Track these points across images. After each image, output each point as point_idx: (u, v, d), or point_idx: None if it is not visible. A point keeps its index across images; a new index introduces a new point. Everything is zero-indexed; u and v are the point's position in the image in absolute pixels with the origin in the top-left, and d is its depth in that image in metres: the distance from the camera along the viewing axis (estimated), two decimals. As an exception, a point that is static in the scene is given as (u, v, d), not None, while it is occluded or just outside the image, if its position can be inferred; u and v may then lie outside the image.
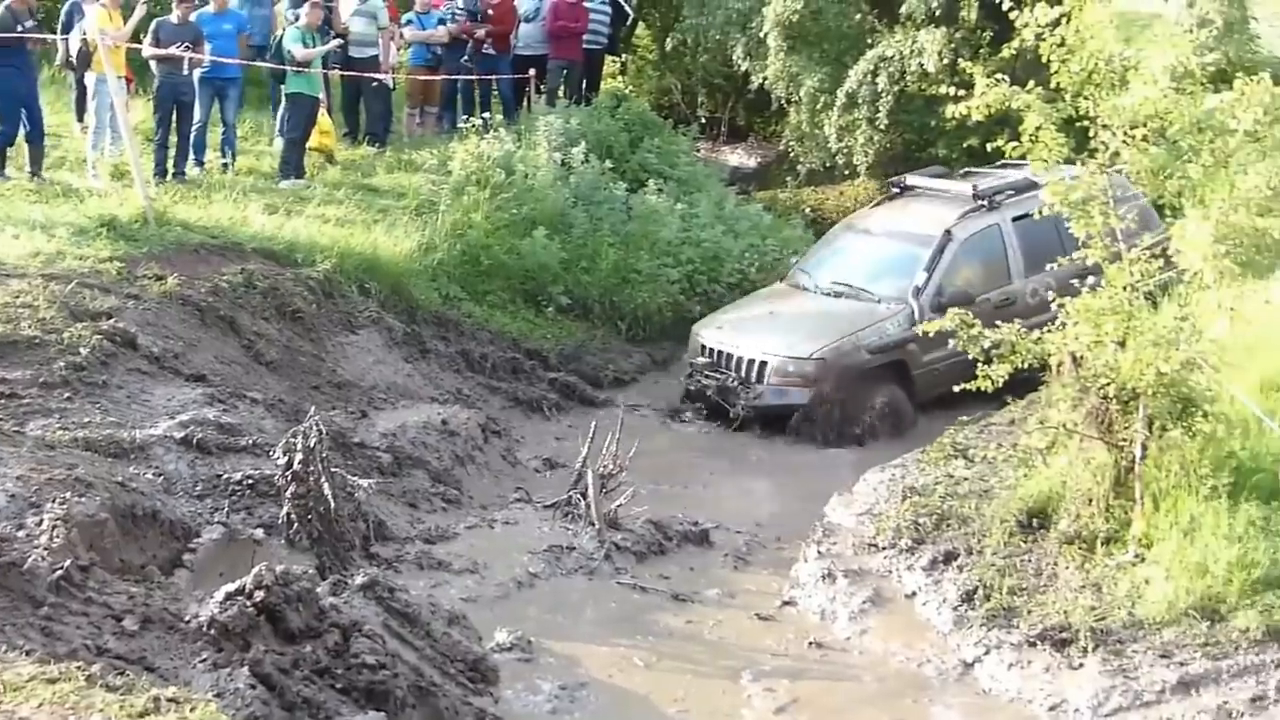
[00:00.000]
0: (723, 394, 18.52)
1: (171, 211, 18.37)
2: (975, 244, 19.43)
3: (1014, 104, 12.96)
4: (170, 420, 12.95)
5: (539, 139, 23.40)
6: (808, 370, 18.35)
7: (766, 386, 18.42)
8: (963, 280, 18.99)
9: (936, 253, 19.07)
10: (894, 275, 19.42)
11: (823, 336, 18.55)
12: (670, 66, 37.60)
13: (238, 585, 8.89)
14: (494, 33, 26.23)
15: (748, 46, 30.30)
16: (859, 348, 18.45)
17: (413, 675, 9.31)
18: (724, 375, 18.65)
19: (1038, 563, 12.82)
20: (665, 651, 11.93)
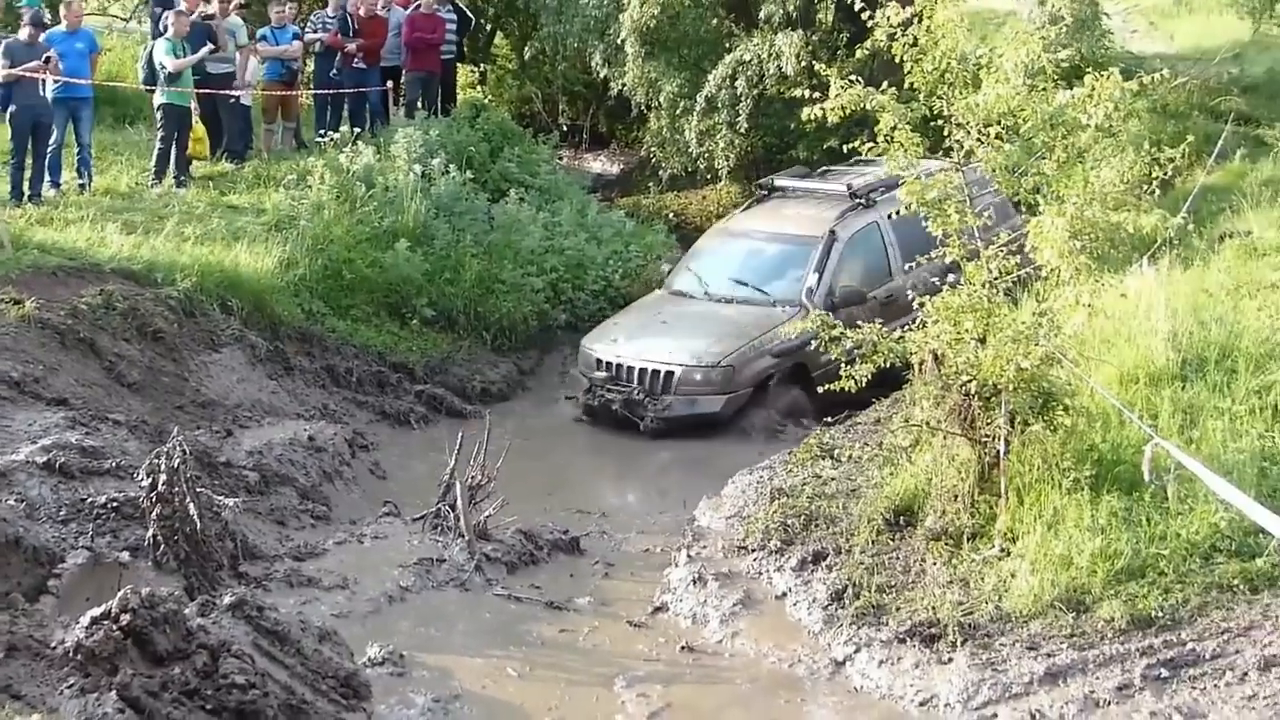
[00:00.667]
0: (629, 407, 18.34)
1: (28, 234, 18.15)
2: (858, 242, 19.62)
3: (869, 105, 13.03)
4: (31, 445, 12.79)
5: (399, 151, 23.33)
6: (715, 377, 18.24)
7: (674, 397, 18.26)
8: (850, 278, 19.09)
9: (824, 253, 19.21)
10: (783, 277, 19.57)
11: (726, 342, 18.51)
12: (530, 75, 37.74)
13: (103, 609, 8.81)
14: (365, 46, 26.17)
15: (606, 53, 30.36)
16: (763, 352, 18.35)
17: (284, 694, 9.26)
18: (627, 388, 18.47)
19: (905, 560, 12.92)
20: (538, 661, 11.90)
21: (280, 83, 25.69)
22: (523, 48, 34.85)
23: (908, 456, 13.84)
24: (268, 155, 25.26)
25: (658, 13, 27.93)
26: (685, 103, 28.91)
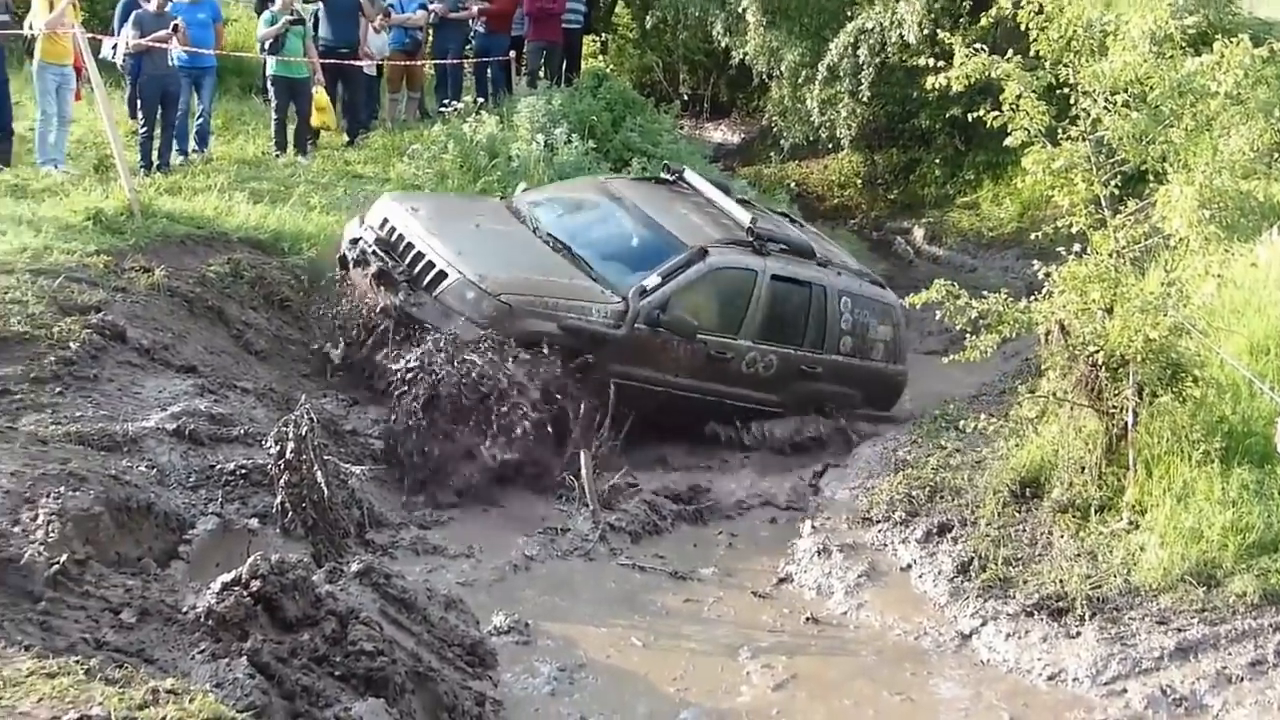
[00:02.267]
0: (381, 278, 15.45)
1: (157, 203, 18.31)
2: (724, 279, 16.65)
3: (993, 73, 12.93)
4: (162, 412, 12.89)
5: (521, 121, 23.37)
6: (486, 307, 15.02)
7: (432, 299, 15.24)
8: (691, 308, 16.04)
9: (681, 265, 16.20)
10: (625, 262, 16.56)
11: (520, 279, 15.46)
12: (651, 45, 37.72)
13: (234, 575, 8.86)
14: (491, 12, 26.23)
15: (727, 22, 30.32)
16: (552, 315, 15.23)
17: (411, 661, 9.29)
18: (392, 262, 15.64)
19: (1032, 532, 12.87)
20: (663, 630, 11.90)
21: (404, 52, 25.77)
22: (644, 17, 34.75)
23: (1034, 428, 13.74)
24: (392, 125, 25.36)
25: (779, -19, 27.86)
26: (807, 71, 28.83)
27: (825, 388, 17.29)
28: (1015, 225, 26.81)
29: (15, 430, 11.53)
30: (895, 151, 31.17)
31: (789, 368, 16.84)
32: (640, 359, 15.57)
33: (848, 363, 17.46)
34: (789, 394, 16.95)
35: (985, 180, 29.02)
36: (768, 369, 16.65)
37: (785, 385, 16.89)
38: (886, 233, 29.31)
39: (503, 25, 26.77)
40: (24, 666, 6.75)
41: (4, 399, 12.34)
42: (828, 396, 17.33)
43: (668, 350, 15.77)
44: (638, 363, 15.61)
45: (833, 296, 17.27)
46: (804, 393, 17.11)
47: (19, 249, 15.36)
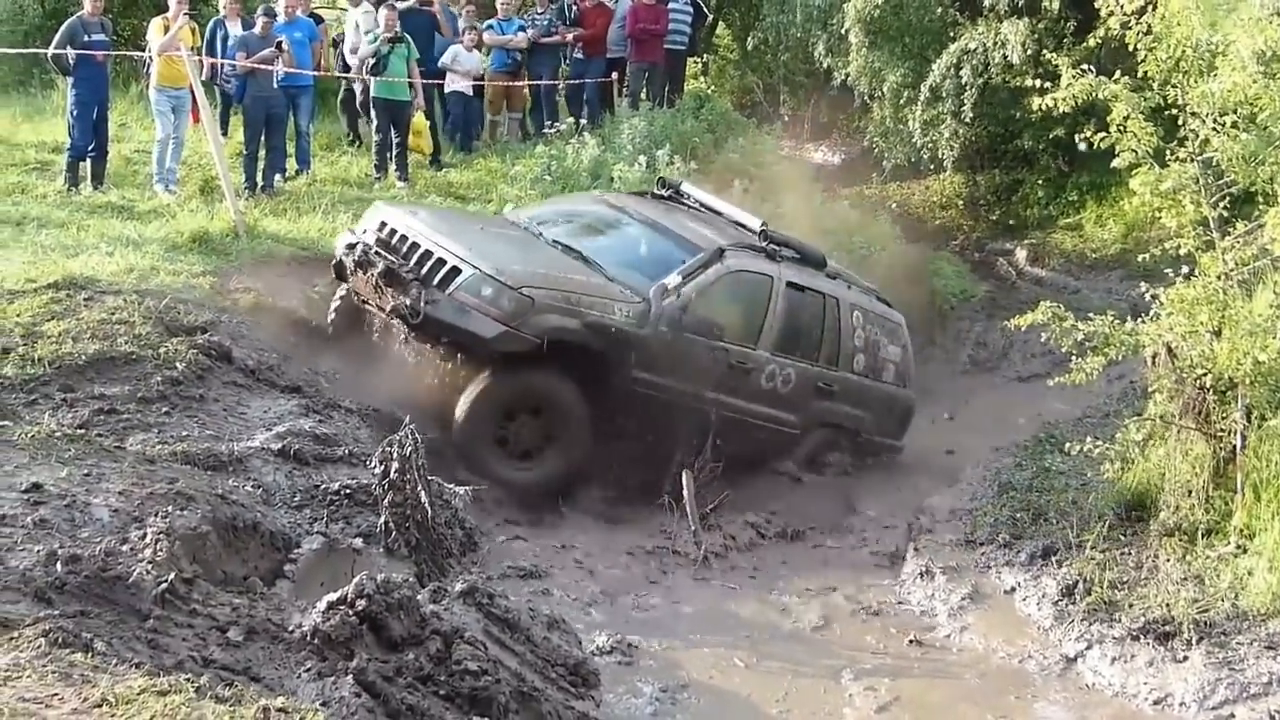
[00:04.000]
0: (388, 278, 14.30)
1: (261, 224, 18.51)
2: (743, 283, 15.86)
3: (1101, 94, 12.88)
4: (267, 432, 13.02)
5: (623, 143, 23.43)
6: (507, 302, 13.95)
7: (448, 298, 14.04)
8: (712, 310, 15.30)
9: (700, 265, 15.46)
10: (639, 263, 15.73)
11: (540, 273, 14.49)
12: (751, 65, 37.75)
13: (340, 594, 8.90)
14: (584, 36, 26.32)
15: (829, 43, 30.21)
16: (574, 311, 14.30)
17: (514, 681, 9.31)
18: (398, 262, 14.48)
19: (1138, 556, 12.79)
20: (765, 651, 11.87)
21: (505, 73, 25.92)
22: (745, 38, 34.82)
23: (1140, 451, 13.61)
24: (493, 146, 25.47)
25: (881, 2, 27.72)
26: (909, 92, 28.67)
27: (840, 408, 16.69)
28: (1119, 247, 26.56)
29: (123, 449, 11.64)
30: (998, 172, 30.96)
31: (806, 384, 16.22)
32: (663, 365, 14.74)
33: (860, 382, 16.86)
34: (806, 414, 16.33)
35: (1089, 201, 28.79)
36: (785, 384, 15.98)
37: (804, 404, 16.26)
38: (988, 254, 29.12)
39: (597, 49, 26.83)
40: (135, 684, 6.80)
41: (111, 418, 12.47)
42: (842, 418, 16.74)
43: (690, 357, 14.95)
44: (660, 370, 14.76)
45: (845, 310, 16.67)
46: (820, 413, 16.49)
47: (126, 269, 15.58)
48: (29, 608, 7.79)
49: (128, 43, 26.06)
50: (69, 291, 14.68)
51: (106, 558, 8.61)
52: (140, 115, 23.38)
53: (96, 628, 7.72)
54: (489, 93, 26.00)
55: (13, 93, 25.55)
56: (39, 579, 8.09)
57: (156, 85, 20.13)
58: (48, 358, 13.17)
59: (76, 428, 11.94)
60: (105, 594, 8.21)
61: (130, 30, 27.03)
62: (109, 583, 8.31)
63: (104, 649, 7.36)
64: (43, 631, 7.26)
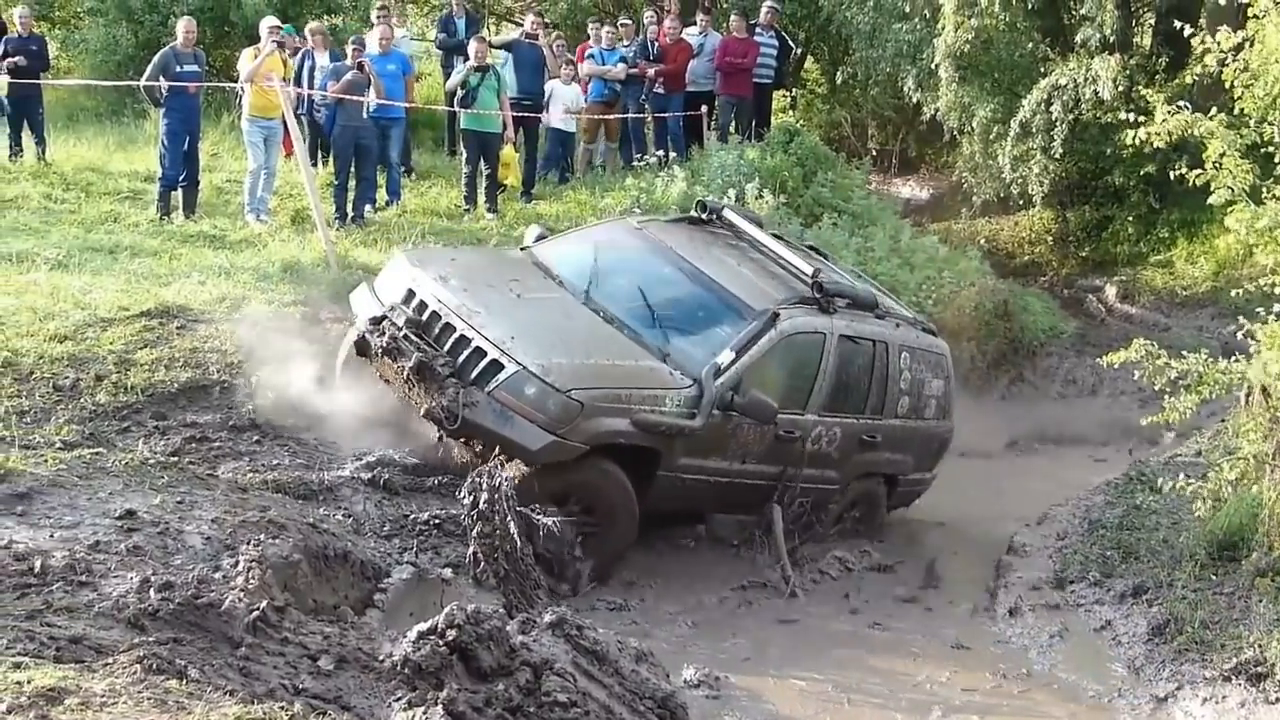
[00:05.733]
0: (421, 372, 12.67)
1: (352, 254, 18.62)
2: (796, 346, 14.48)
3: (1196, 131, 12.78)
4: (357, 461, 13.11)
5: (713, 176, 23.46)
6: (553, 407, 12.48)
7: (488, 398, 12.53)
8: (764, 385, 13.85)
9: (752, 336, 13.95)
10: (687, 333, 14.18)
11: (589, 369, 12.95)
12: (840, 100, 37.83)
13: (430, 624, 8.90)
14: (665, 71, 26.40)
15: (918, 78, 30.25)
16: (626, 410, 12.90)
17: (603, 713, 9.27)
18: (431, 349, 12.94)
19: (1230, 596, 12.68)
20: (853, 686, 11.80)
21: (603, 103, 26.04)
22: (834, 72, 34.89)
23: (1233, 490, 13.47)
24: (583, 176, 25.57)
25: (972, 37, 27.75)
26: (999, 128, 28.66)
27: (883, 456, 15.69)
28: (1210, 284, 26.46)
29: (215, 478, 11.78)
30: (1088, 208, 30.88)
31: (851, 440, 15.07)
32: (708, 449, 13.60)
33: (904, 425, 15.84)
34: (848, 468, 15.22)
35: (1180, 238, 28.69)
36: (831, 443, 14.79)
37: (846, 459, 15.12)
38: (1078, 290, 29.05)
39: (678, 85, 26.88)
40: (230, 711, 6.84)
41: (203, 446, 12.63)
42: (883, 465, 15.85)
43: (737, 435, 13.79)
44: (705, 454, 13.63)
45: (894, 354, 15.52)
46: (862, 465, 15.46)
47: (218, 298, 15.72)
48: (122, 634, 7.86)
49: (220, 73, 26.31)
50: (161, 320, 14.91)
51: (199, 585, 8.67)
52: (232, 145, 23.62)
53: (189, 655, 7.77)
54: (584, 123, 26.09)
55: (106, 122, 25.83)
56: (132, 606, 8.15)
57: (249, 115, 20.35)
58: (140, 385, 13.37)
59: (169, 455, 12.09)
60: (198, 621, 8.25)
61: (222, 61, 27.29)
62: (201, 610, 8.35)
63: (198, 676, 7.41)
64: (137, 658, 7.32)
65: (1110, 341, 18.96)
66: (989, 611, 13.67)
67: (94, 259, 17.13)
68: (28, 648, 7.36)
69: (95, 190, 21.01)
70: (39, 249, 17.13)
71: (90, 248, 17.70)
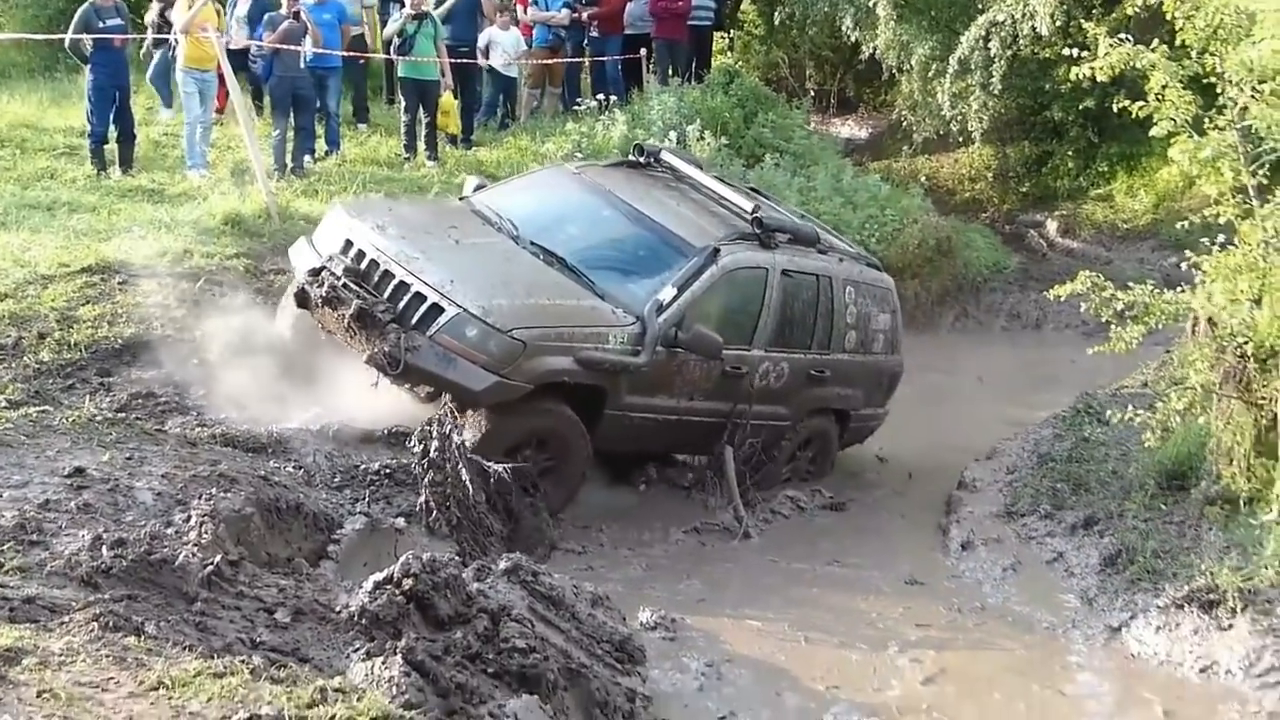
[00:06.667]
0: (361, 319, 12.58)
1: (293, 205, 18.50)
2: (738, 282, 14.43)
3: (1139, 63, 12.78)
4: (306, 413, 13.04)
5: (654, 119, 23.42)
6: (495, 347, 12.40)
7: (429, 341, 12.45)
8: (708, 320, 13.85)
9: (694, 271, 13.92)
10: (627, 272, 14.20)
11: (529, 308, 12.86)
12: (778, 40, 37.77)
13: (386, 574, 8.90)
14: (601, 14, 26.33)
15: (857, 17, 30.20)
16: (568, 348, 12.85)
17: (562, 658, 9.29)
18: (371, 297, 12.80)
19: (1180, 525, 12.77)
20: (809, 624, 11.81)
21: (547, 49, 25.97)
22: (771, 13, 34.69)
23: (1181, 420, 13.52)
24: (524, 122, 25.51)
25: (909, -26, 27.79)
26: (938, 65, 28.67)
27: (832, 391, 15.63)
28: (1151, 217, 26.59)
29: (164, 433, 11.71)
30: (1027, 144, 30.95)
31: (798, 375, 15.04)
32: (655, 386, 13.64)
33: (852, 360, 15.73)
34: (797, 404, 15.21)
35: (1119, 172, 28.80)
36: (779, 379, 14.76)
37: (795, 395, 15.12)
38: (1019, 226, 29.14)
39: (614, 27, 27.01)
40: (191, 666, 6.83)
41: (149, 402, 12.54)
42: (833, 400, 15.79)
43: (683, 372, 13.80)
44: (651, 391, 13.65)
45: (838, 288, 15.40)
46: (811, 400, 15.42)
47: (160, 253, 15.59)
48: (76, 592, 7.83)
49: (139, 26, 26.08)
50: (103, 276, 14.80)
51: (152, 541, 8.64)
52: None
53: (145, 611, 7.74)
54: (529, 69, 26.02)
55: (39, 78, 25.52)
56: (85, 564, 8.11)
57: (184, 67, 20.14)
58: (84, 342, 13.29)
59: (116, 411, 12.01)
60: (151, 578, 8.23)
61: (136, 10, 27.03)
62: (155, 566, 8.32)
63: (155, 632, 7.38)
64: (94, 616, 7.30)
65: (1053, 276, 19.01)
66: (942, 547, 13.71)
67: (31, 216, 16.95)
68: (-20, 608, 7.33)
69: (30, 146, 20.73)
70: (-26, 208, 16.95)
71: (27, 205, 17.49)
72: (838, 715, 10.13)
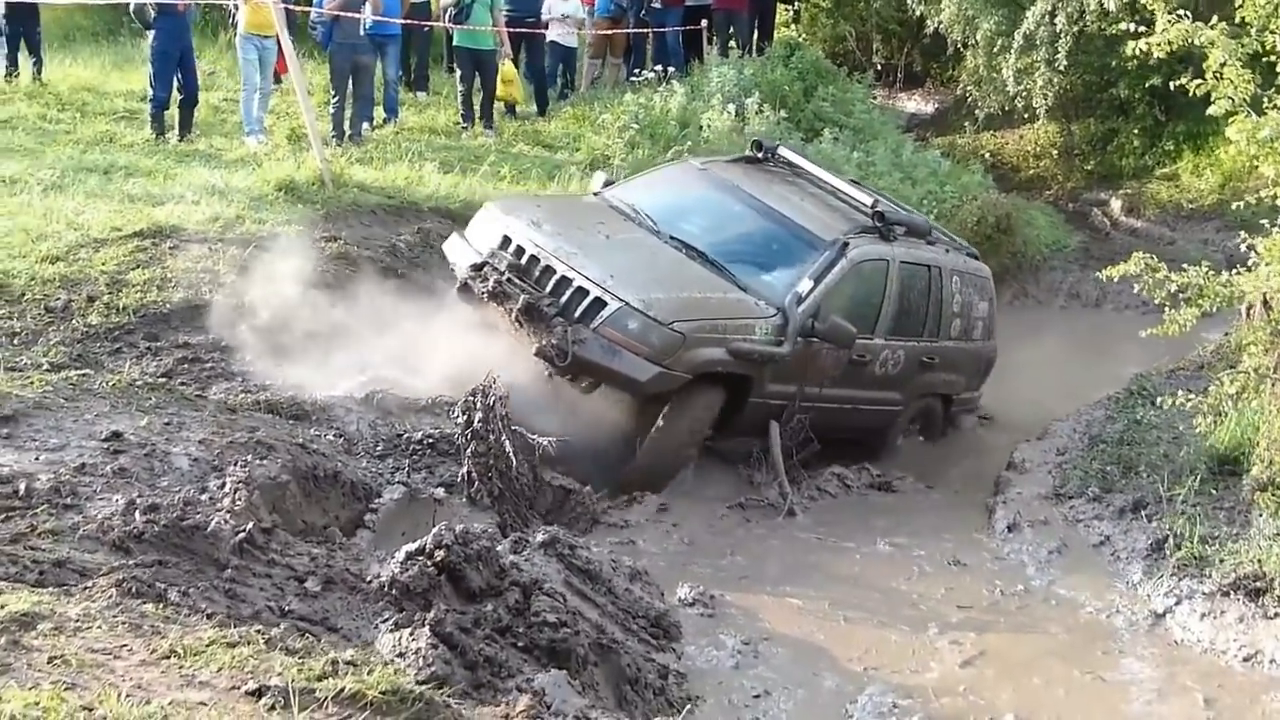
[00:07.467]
0: (528, 313, 13.21)
1: (348, 173, 18.50)
2: (864, 274, 15.14)
3: (1196, 40, 12.62)
4: (350, 381, 13.03)
5: (712, 90, 23.32)
6: (656, 340, 13.06)
7: (594, 334, 13.07)
8: (841, 311, 14.47)
9: (827, 264, 14.59)
10: (763, 266, 14.79)
11: (686, 302, 13.54)
12: (844, 13, 37.69)
13: (418, 545, 8.87)
14: (661, -14, 26.28)
15: (921, -11, 30.05)
16: (724, 341, 13.53)
17: (594, 632, 9.25)
18: (534, 291, 13.42)
19: (1230, 511, 12.62)
20: (849, 603, 11.72)
21: (609, 19, 25.89)
22: (838, -15, 34.65)
23: (1234, 404, 13.36)
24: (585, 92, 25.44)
25: (976, -52, 27.57)
26: (1003, 40, 28.49)
27: (940, 377, 16.58)
28: (1216, 197, 26.35)
29: (205, 399, 11.73)
30: (1092, 121, 30.77)
31: (912, 362, 15.86)
32: (793, 375, 14.22)
33: (957, 347, 16.67)
34: (910, 389, 16.07)
35: (1185, 151, 28.59)
36: (895, 366, 15.61)
37: (908, 381, 15.97)
38: (1083, 204, 28.97)
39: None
40: (205, 635, 6.79)
41: (195, 367, 12.57)
42: (939, 386, 16.76)
43: (818, 361, 14.38)
44: (790, 379, 14.25)
45: (947, 278, 16.26)
46: (922, 385, 16.36)
47: (212, 218, 15.62)
48: (106, 557, 7.82)
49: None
50: (154, 240, 14.80)
51: (185, 507, 8.63)
52: (230, 64, 23.43)
53: (173, 577, 7.74)
54: (591, 39, 25.97)
55: (103, 41, 25.66)
56: (118, 528, 8.12)
57: (243, 33, 20.18)
58: (132, 306, 13.30)
59: (159, 376, 12.01)
60: (183, 543, 8.23)
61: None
62: (187, 532, 8.32)
63: (177, 599, 7.38)
64: (115, 581, 7.28)
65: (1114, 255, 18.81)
66: (988, 528, 13.60)
67: (88, 179, 16.97)
68: (10, 571, 7.33)
69: (91, 110, 20.88)
70: (33, 170, 16.96)
71: (85, 168, 17.53)
72: (873, 696, 9.98)
